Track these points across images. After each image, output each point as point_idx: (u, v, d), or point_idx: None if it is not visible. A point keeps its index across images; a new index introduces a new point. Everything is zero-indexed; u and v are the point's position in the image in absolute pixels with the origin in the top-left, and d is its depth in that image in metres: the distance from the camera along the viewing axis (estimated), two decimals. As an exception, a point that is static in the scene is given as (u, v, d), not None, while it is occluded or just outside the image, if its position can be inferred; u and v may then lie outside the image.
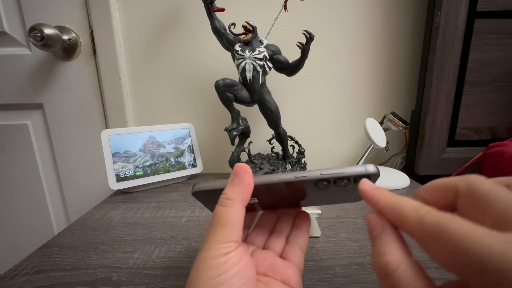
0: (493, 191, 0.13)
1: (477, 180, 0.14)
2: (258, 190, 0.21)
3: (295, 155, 0.60)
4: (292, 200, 0.24)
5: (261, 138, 0.65)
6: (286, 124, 0.64)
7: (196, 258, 0.17)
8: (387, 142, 0.57)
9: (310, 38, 0.48)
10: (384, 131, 0.58)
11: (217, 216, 0.18)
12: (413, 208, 0.14)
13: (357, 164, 0.59)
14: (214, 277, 0.16)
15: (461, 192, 0.14)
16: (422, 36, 0.60)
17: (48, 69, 0.61)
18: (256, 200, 0.24)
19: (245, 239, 0.25)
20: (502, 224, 0.12)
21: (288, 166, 0.59)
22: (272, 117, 0.54)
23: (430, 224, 0.13)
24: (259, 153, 0.62)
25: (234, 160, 0.55)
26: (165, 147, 0.57)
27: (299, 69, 0.52)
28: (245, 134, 0.57)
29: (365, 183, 0.18)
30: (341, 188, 0.20)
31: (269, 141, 0.61)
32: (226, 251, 0.17)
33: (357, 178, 0.19)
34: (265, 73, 0.52)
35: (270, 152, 0.62)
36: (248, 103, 0.53)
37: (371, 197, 0.17)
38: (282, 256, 0.23)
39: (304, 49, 0.49)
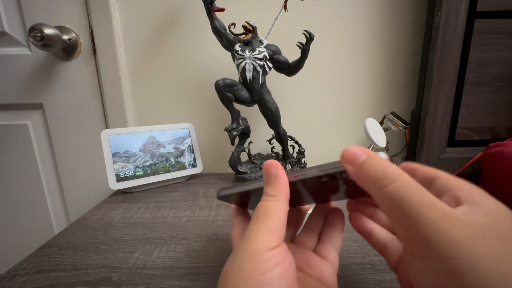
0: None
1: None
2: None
3: (295, 155, 0.60)
4: (324, 195, 0.23)
5: (261, 138, 0.65)
6: (286, 124, 0.64)
7: (236, 249, 0.16)
8: (387, 142, 0.57)
9: (310, 38, 0.48)
10: (384, 131, 0.58)
11: (262, 208, 0.17)
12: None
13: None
14: (259, 274, 0.14)
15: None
16: (422, 36, 0.60)
17: (48, 69, 0.61)
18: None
19: (292, 239, 0.25)
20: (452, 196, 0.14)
21: (288, 166, 0.59)
22: (272, 117, 0.54)
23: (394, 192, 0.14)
24: (259, 153, 0.62)
25: (234, 160, 0.55)
26: (165, 147, 0.57)
27: (299, 69, 0.52)
28: (245, 134, 0.57)
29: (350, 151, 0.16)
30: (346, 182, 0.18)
31: (269, 141, 0.61)
32: (271, 245, 0.16)
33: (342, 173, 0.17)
34: (265, 73, 0.52)
35: (270, 152, 0.62)
36: (248, 103, 0.53)
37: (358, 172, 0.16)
38: (317, 252, 0.22)
39: (304, 49, 0.49)
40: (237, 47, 0.50)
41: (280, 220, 0.17)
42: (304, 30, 0.48)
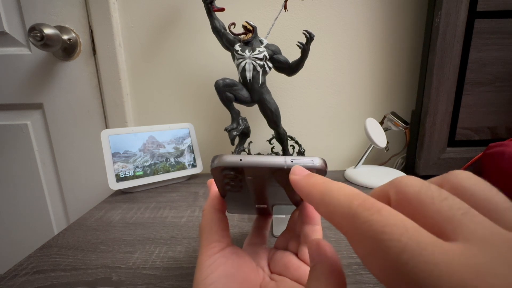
0: (423, 192, 0.11)
1: (405, 183, 0.12)
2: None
3: (295, 155, 0.60)
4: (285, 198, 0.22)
5: (261, 138, 0.65)
6: (286, 124, 0.64)
7: None
8: (388, 142, 0.57)
9: (310, 37, 0.48)
10: (385, 131, 0.58)
11: (200, 226, 0.21)
12: (345, 197, 0.12)
13: (356, 165, 0.59)
14: (203, 279, 0.17)
15: (391, 198, 0.12)
16: (422, 36, 0.60)
17: (48, 69, 0.61)
18: (265, 206, 0.24)
19: (264, 242, 0.25)
20: (436, 230, 0.10)
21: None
22: (272, 117, 0.54)
23: (363, 222, 0.10)
24: (259, 153, 0.62)
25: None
26: (165, 147, 0.57)
27: (299, 69, 0.52)
28: (245, 134, 0.57)
29: (296, 172, 0.15)
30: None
31: (269, 141, 0.61)
32: (211, 252, 0.18)
33: (276, 171, 0.16)
34: (265, 73, 0.52)
35: (270, 152, 0.62)
36: (248, 103, 0.53)
37: (301, 188, 0.14)
38: (298, 255, 0.22)
39: (304, 49, 0.49)
40: (237, 47, 0.50)
41: (213, 230, 0.20)
42: (304, 30, 0.47)
